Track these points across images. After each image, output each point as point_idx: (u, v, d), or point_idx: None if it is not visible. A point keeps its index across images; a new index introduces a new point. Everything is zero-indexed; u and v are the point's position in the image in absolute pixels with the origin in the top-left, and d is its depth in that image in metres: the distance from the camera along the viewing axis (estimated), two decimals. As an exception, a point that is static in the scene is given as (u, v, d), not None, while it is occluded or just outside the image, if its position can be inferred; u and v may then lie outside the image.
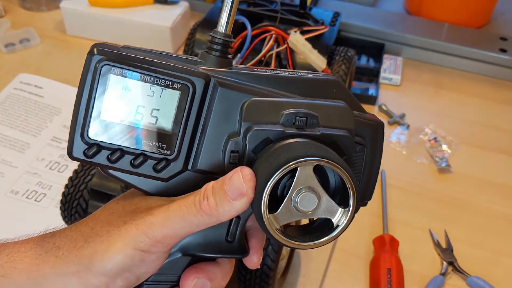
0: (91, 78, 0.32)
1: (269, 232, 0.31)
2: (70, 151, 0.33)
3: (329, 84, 0.37)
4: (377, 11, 1.20)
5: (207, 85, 0.33)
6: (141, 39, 1.07)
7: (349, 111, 0.35)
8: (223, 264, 0.37)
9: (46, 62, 1.04)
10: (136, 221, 0.32)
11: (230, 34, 0.36)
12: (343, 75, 0.88)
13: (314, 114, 0.34)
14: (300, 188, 0.31)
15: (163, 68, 0.33)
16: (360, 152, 0.36)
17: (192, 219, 0.32)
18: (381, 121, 0.38)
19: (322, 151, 0.31)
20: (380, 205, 0.80)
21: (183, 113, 0.33)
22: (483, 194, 0.84)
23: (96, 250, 0.32)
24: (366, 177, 0.37)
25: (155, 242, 0.32)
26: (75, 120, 0.32)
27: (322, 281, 0.71)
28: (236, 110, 0.34)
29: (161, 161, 0.34)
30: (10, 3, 1.19)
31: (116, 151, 0.33)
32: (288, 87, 0.36)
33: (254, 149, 0.33)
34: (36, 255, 0.34)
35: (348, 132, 0.34)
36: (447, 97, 1.04)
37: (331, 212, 0.32)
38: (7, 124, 0.90)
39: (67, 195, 0.68)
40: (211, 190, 0.32)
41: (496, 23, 1.21)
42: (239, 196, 0.31)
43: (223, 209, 0.32)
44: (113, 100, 0.32)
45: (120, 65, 0.32)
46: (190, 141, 0.34)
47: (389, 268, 0.68)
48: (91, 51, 0.32)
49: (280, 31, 0.80)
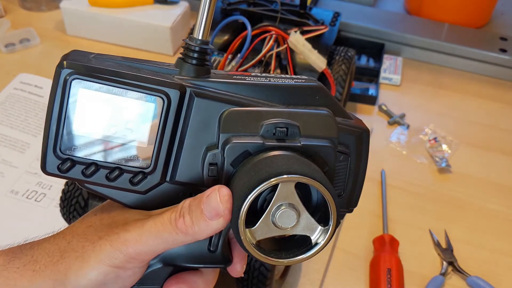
0: (61, 92, 0.31)
1: (244, 247, 0.30)
2: (43, 167, 0.32)
3: (311, 90, 0.35)
4: (377, 11, 1.20)
5: (182, 96, 0.32)
6: (141, 39, 1.07)
7: (332, 119, 0.34)
8: (206, 274, 0.36)
9: (46, 62, 1.04)
10: (111, 237, 0.32)
11: (207, 40, 0.34)
12: (343, 75, 0.88)
13: (295, 124, 0.33)
14: (280, 204, 0.30)
15: (135, 80, 0.31)
16: (343, 161, 0.35)
17: (167, 236, 0.31)
18: (366, 128, 0.37)
19: (304, 167, 0.30)
20: (380, 205, 0.80)
21: (159, 125, 0.32)
22: (483, 194, 0.84)
23: (70, 266, 0.32)
24: (351, 185, 0.36)
25: (130, 259, 0.32)
26: (46, 135, 0.31)
27: (322, 281, 0.71)
28: (214, 121, 0.33)
29: (137, 174, 0.33)
30: (10, 3, 1.19)
31: (90, 165, 0.32)
32: (269, 95, 0.34)
33: (232, 162, 0.32)
34: (14, 268, 0.34)
35: (330, 142, 0.33)
36: (447, 97, 1.04)
37: (311, 230, 0.31)
38: (7, 124, 0.90)
39: (67, 193, 0.68)
40: (188, 208, 0.31)
41: (496, 23, 1.21)
42: (215, 216, 0.31)
43: (199, 228, 0.31)
44: (84, 113, 0.31)
45: (90, 78, 0.31)
46: (167, 153, 0.33)
47: (389, 268, 0.68)
48: (60, 63, 0.31)
49: (280, 31, 0.80)
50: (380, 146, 0.92)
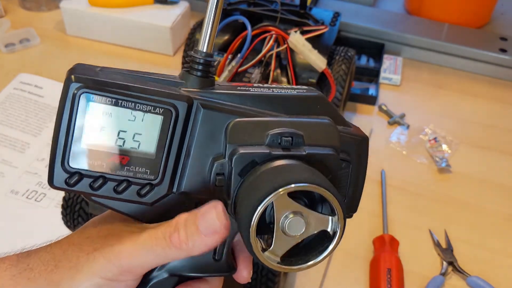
0: (70, 106, 0.31)
1: (271, 269, 0.31)
2: (50, 181, 0.32)
3: (312, 100, 0.36)
4: (377, 11, 1.20)
5: (190, 108, 0.33)
6: (141, 39, 1.07)
7: (333, 127, 0.35)
8: (212, 282, 0.36)
9: (46, 62, 1.04)
10: (105, 249, 0.32)
11: (211, 53, 0.35)
12: (343, 75, 0.88)
13: (299, 133, 0.33)
14: (284, 215, 0.30)
15: (143, 93, 0.32)
16: (345, 168, 0.36)
17: (161, 251, 0.31)
18: (365, 135, 0.37)
19: (311, 175, 0.31)
20: (380, 205, 0.80)
21: (167, 137, 0.32)
22: (483, 194, 0.84)
23: (63, 276, 0.32)
24: (351, 191, 0.37)
25: (123, 271, 0.32)
26: (54, 149, 0.31)
27: (322, 281, 0.71)
28: (221, 132, 0.33)
29: (145, 186, 0.33)
30: (10, 3, 1.19)
31: (98, 178, 0.32)
32: (272, 106, 0.35)
33: (240, 172, 0.33)
34: (10, 275, 0.34)
35: (333, 150, 0.34)
36: (447, 97, 1.04)
37: (323, 224, 0.32)
38: (7, 124, 0.90)
39: (68, 200, 0.67)
40: (183, 223, 0.31)
41: (496, 23, 1.21)
42: (211, 233, 0.31)
43: (193, 244, 0.31)
44: (93, 126, 0.31)
45: (99, 92, 0.31)
46: (175, 164, 0.33)
47: (389, 268, 0.68)
48: (68, 77, 0.31)
49: (280, 31, 0.80)
50: (380, 146, 0.92)
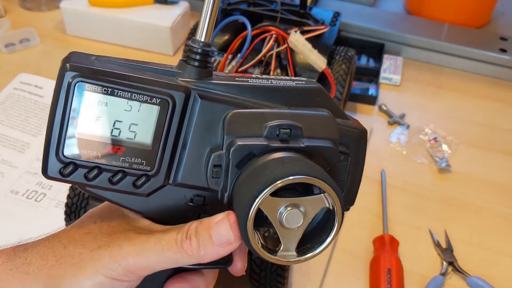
0: (65, 95, 0.30)
1: (289, 265, 0.30)
2: (44, 171, 0.32)
3: (312, 92, 0.36)
4: (377, 11, 1.20)
5: (187, 98, 0.32)
6: (141, 39, 1.07)
7: (333, 120, 0.34)
8: (207, 274, 0.36)
9: (46, 62, 1.04)
10: (111, 247, 0.32)
11: (209, 42, 0.34)
12: (343, 75, 0.88)
13: (298, 125, 0.33)
14: (279, 212, 0.30)
15: (140, 82, 0.31)
16: (343, 161, 0.36)
17: (171, 256, 0.31)
18: (364, 128, 0.37)
19: (308, 168, 0.30)
20: (380, 205, 0.80)
21: (163, 128, 0.32)
22: (483, 194, 0.84)
23: (66, 272, 0.32)
24: (349, 184, 0.37)
25: (128, 272, 0.32)
26: (48, 139, 0.31)
27: (322, 281, 0.71)
28: (218, 123, 0.33)
29: (141, 177, 0.33)
30: (10, 3, 1.19)
31: (93, 169, 0.32)
32: (270, 97, 0.35)
33: (237, 164, 0.32)
34: (7, 270, 0.33)
35: (332, 143, 0.34)
36: (447, 97, 1.04)
37: (320, 203, 0.31)
38: (7, 124, 0.90)
39: (71, 205, 0.67)
40: (194, 230, 0.31)
41: (496, 23, 1.21)
42: (225, 243, 0.31)
43: (205, 252, 0.31)
44: (88, 116, 0.31)
45: (94, 81, 0.30)
46: (171, 155, 0.33)
47: (389, 268, 0.68)
48: (63, 66, 0.30)
49: (280, 31, 0.80)
50: (380, 146, 0.92)
